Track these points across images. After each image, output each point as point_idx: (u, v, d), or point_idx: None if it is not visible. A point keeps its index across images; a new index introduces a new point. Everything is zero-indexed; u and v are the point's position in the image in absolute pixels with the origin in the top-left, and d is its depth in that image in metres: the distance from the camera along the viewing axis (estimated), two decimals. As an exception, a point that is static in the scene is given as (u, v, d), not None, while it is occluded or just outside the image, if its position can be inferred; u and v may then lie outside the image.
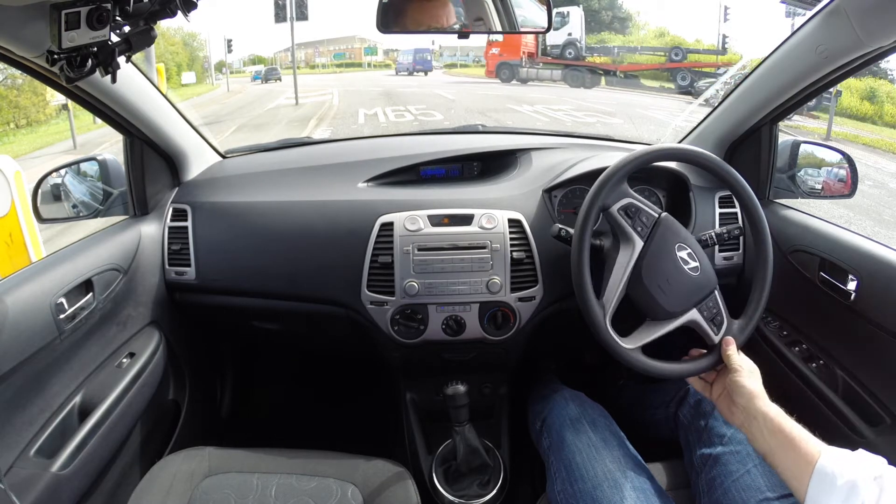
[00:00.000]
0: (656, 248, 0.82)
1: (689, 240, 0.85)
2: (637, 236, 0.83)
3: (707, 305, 0.82)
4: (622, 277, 0.81)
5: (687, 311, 0.81)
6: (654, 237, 0.83)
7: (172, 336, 1.11)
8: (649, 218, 0.84)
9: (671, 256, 0.82)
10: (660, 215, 0.85)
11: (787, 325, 1.01)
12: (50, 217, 1.10)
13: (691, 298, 0.81)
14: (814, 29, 0.83)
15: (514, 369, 1.18)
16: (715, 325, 0.81)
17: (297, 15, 15.49)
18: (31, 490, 0.73)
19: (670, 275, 0.81)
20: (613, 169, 0.85)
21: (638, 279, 0.81)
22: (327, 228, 1.04)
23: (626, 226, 0.83)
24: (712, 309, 0.82)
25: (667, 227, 0.84)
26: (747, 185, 0.86)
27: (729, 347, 0.77)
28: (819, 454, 0.59)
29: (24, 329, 0.76)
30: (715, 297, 0.83)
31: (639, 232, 0.83)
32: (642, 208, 0.84)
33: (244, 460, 0.88)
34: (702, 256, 0.84)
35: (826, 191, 1.15)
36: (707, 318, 0.81)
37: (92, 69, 0.61)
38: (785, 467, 0.63)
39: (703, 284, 0.82)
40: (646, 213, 0.84)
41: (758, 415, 0.67)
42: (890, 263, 0.82)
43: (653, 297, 0.80)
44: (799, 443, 0.62)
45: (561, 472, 0.82)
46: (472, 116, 9.96)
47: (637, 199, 0.85)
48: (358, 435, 1.36)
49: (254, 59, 31.47)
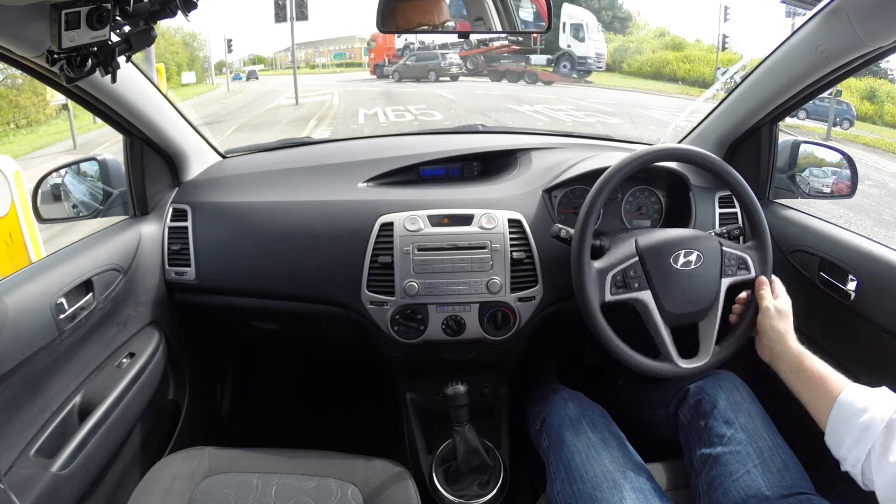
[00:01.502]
0: (661, 279, 0.83)
1: (675, 240, 0.85)
2: (641, 291, 0.83)
3: (727, 265, 0.84)
4: (661, 328, 0.82)
5: (720, 288, 0.83)
6: (651, 275, 0.83)
7: (172, 336, 1.11)
8: (635, 267, 0.84)
9: (676, 271, 0.83)
10: (637, 249, 0.84)
11: None
12: (50, 217, 1.10)
13: (714, 280, 0.83)
14: (814, 29, 0.83)
15: (514, 369, 1.18)
16: (744, 268, 0.84)
17: (297, 15, 15.49)
18: (31, 490, 0.73)
19: (686, 284, 0.83)
20: (614, 169, 0.85)
21: (668, 314, 0.83)
22: (327, 228, 1.04)
23: (626, 294, 0.83)
24: (732, 262, 0.84)
25: (652, 253, 0.84)
26: (747, 186, 0.86)
27: (762, 288, 0.80)
28: (842, 389, 0.62)
29: (24, 329, 0.76)
30: (728, 252, 0.84)
31: (639, 286, 0.83)
32: (624, 268, 0.84)
33: (244, 460, 0.88)
34: (693, 241, 0.85)
35: (826, 191, 1.15)
36: (734, 272, 0.84)
37: (92, 69, 0.61)
38: (809, 403, 0.66)
39: (712, 260, 0.83)
40: (630, 268, 0.84)
41: (784, 355, 0.71)
42: (890, 263, 0.82)
43: (690, 312, 0.83)
44: (824, 380, 0.65)
45: (560, 473, 0.82)
46: (473, 116, 9.95)
47: (612, 265, 0.84)
48: (358, 435, 1.36)
49: (254, 58, 31.45)
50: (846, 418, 0.59)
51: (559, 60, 15.92)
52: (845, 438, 0.58)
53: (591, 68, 16.18)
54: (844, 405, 0.60)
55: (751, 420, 0.81)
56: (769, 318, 0.76)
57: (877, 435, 0.56)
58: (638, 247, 0.85)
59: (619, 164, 0.84)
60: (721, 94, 1.16)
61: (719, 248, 0.84)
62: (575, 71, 15.86)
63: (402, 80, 15.77)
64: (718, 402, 0.86)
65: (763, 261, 0.85)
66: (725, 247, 0.85)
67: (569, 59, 15.84)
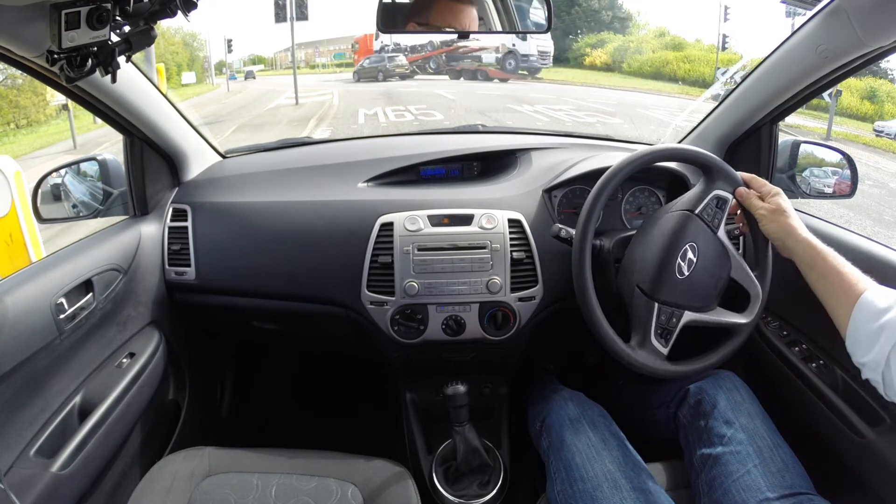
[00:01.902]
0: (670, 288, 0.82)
1: (669, 246, 0.83)
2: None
3: (708, 218, 0.84)
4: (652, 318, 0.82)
5: (728, 279, 0.84)
6: (659, 296, 0.82)
7: (172, 336, 1.11)
8: (643, 307, 0.83)
9: (680, 280, 0.82)
10: (635, 283, 0.84)
11: (787, 325, 1.01)
12: (50, 217, 1.10)
13: (724, 268, 0.83)
14: (814, 29, 0.83)
15: (514, 369, 1.18)
16: (723, 206, 0.84)
17: (297, 15, 15.51)
18: (31, 490, 0.73)
19: (699, 286, 0.83)
20: (615, 169, 0.84)
21: (691, 320, 0.83)
22: (327, 228, 1.04)
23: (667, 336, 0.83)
24: (710, 210, 0.84)
25: (653, 286, 0.83)
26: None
27: (748, 197, 0.80)
28: (863, 290, 0.60)
29: (24, 329, 0.76)
30: (702, 213, 0.84)
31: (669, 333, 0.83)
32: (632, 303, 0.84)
33: (244, 460, 0.88)
34: (681, 236, 0.83)
35: (826, 191, 1.15)
36: (721, 219, 0.84)
37: (92, 69, 0.61)
38: (826, 299, 0.64)
39: (712, 250, 0.83)
40: (637, 304, 0.84)
41: (795, 249, 0.71)
42: (890, 263, 0.82)
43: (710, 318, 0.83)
44: (838, 276, 0.63)
45: (560, 473, 0.82)
46: (473, 116, 9.96)
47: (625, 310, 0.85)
48: (358, 435, 1.36)
49: (254, 59, 31.45)
50: (866, 319, 0.57)
51: (505, 58, 16.91)
52: (864, 340, 0.55)
53: (534, 65, 17.20)
54: (866, 304, 0.58)
55: (751, 420, 0.81)
56: (768, 223, 0.77)
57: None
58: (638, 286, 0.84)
59: (619, 165, 0.84)
60: (721, 94, 1.16)
61: (703, 224, 0.84)
62: (520, 68, 16.83)
63: (360, 81, 17.50)
64: (718, 402, 0.86)
65: (730, 179, 0.84)
66: (699, 214, 0.84)
67: (513, 56, 16.75)
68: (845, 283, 0.62)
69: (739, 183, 0.85)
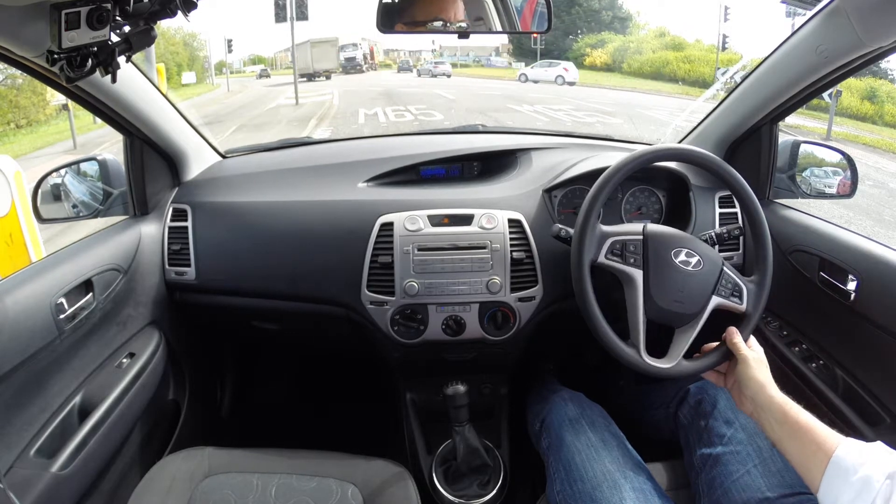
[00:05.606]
0: (656, 267, 0.82)
1: (680, 238, 0.84)
2: (633, 268, 0.82)
3: (723, 285, 0.82)
4: (639, 313, 0.81)
5: (708, 303, 0.81)
6: (649, 258, 0.82)
7: (172, 336, 1.11)
8: (636, 244, 0.83)
9: (673, 266, 0.82)
10: (644, 231, 0.84)
11: (787, 325, 1.01)
12: (50, 217, 1.10)
13: (707, 290, 0.81)
14: (814, 29, 0.83)
15: (514, 369, 1.18)
16: (737, 297, 0.82)
17: (297, 15, 15.51)
18: (31, 490, 0.73)
19: (680, 283, 0.81)
20: (614, 169, 0.84)
21: (653, 304, 0.81)
22: (327, 228, 1.04)
23: (619, 265, 0.82)
24: (728, 284, 0.82)
25: (656, 241, 0.83)
26: (747, 186, 0.86)
27: (734, 337, 0.77)
28: (835, 445, 0.58)
29: (24, 329, 0.76)
30: (727, 274, 0.83)
31: (633, 263, 0.82)
32: (626, 239, 0.83)
33: (244, 460, 0.88)
34: (698, 246, 0.84)
35: (826, 191, 1.15)
36: (727, 295, 0.82)
37: (92, 69, 0.61)
38: (796, 456, 0.62)
39: (711, 271, 0.82)
40: (631, 242, 0.83)
41: (766, 405, 0.68)
42: (890, 263, 0.82)
43: (674, 312, 0.81)
44: (810, 432, 0.61)
45: (560, 473, 0.82)
46: (473, 116, 9.97)
47: (616, 232, 0.84)
48: (358, 435, 1.36)
49: (254, 59, 31.49)
50: (844, 473, 0.56)
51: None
52: (843, 493, 0.55)
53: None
54: (840, 461, 0.57)
55: (751, 420, 0.81)
56: (749, 369, 0.72)
57: (877, 489, 0.53)
58: (645, 230, 0.84)
59: (619, 164, 0.84)
60: (721, 94, 1.16)
61: (721, 265, 0.83)
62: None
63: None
64: (718, 402, 0.86)
65: (758, 296, 0.82)
66: (727, 269, 0.83)
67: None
68: (816, 441, 0.60)
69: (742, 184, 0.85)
